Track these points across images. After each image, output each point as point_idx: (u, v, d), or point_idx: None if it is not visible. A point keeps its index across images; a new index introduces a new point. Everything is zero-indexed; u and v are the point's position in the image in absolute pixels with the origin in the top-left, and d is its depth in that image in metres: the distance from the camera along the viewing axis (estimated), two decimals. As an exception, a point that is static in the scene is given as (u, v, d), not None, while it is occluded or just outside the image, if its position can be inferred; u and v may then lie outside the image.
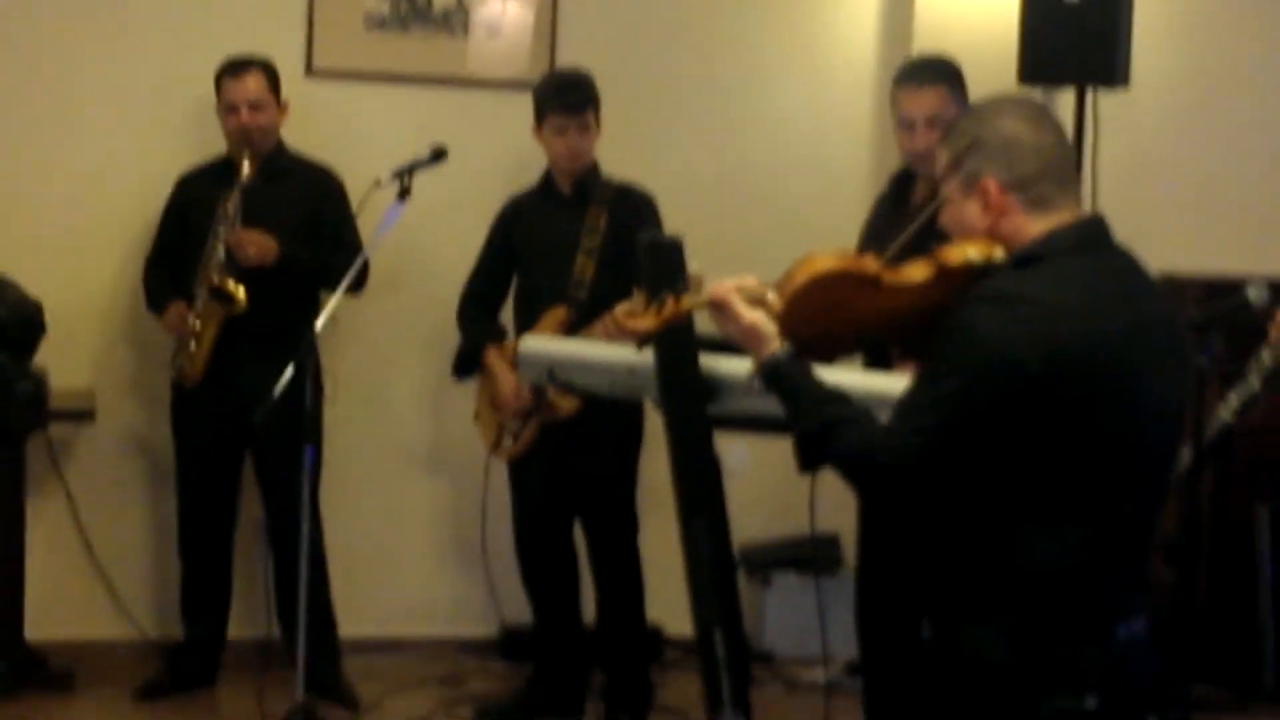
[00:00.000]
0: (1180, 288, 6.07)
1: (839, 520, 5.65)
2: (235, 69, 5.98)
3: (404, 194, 5.46)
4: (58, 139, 6.33)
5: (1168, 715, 4.02)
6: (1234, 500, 6.51)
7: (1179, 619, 5.39)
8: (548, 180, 5.92)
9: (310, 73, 6.46)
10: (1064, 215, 3.08)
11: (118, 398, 6.36)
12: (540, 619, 6.05)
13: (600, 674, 6.01)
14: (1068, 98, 6.02)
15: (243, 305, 5.80)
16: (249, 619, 6.30)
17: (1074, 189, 3.14)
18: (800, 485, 3.47)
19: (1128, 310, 3.03)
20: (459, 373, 5.99)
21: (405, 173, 5.48)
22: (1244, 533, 6.48)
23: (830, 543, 6.50)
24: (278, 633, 6.00)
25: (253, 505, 6.22)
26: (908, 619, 3.43)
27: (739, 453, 5.94)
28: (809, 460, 3.16)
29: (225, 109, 5.99)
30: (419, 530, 6.72)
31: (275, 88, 6.04)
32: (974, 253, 3.09)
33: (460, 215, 6.31)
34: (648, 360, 4.04)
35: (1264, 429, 6.46)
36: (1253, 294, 4.15)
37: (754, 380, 3.23)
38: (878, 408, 3.13)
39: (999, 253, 3.08)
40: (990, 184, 3.07)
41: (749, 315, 3.18)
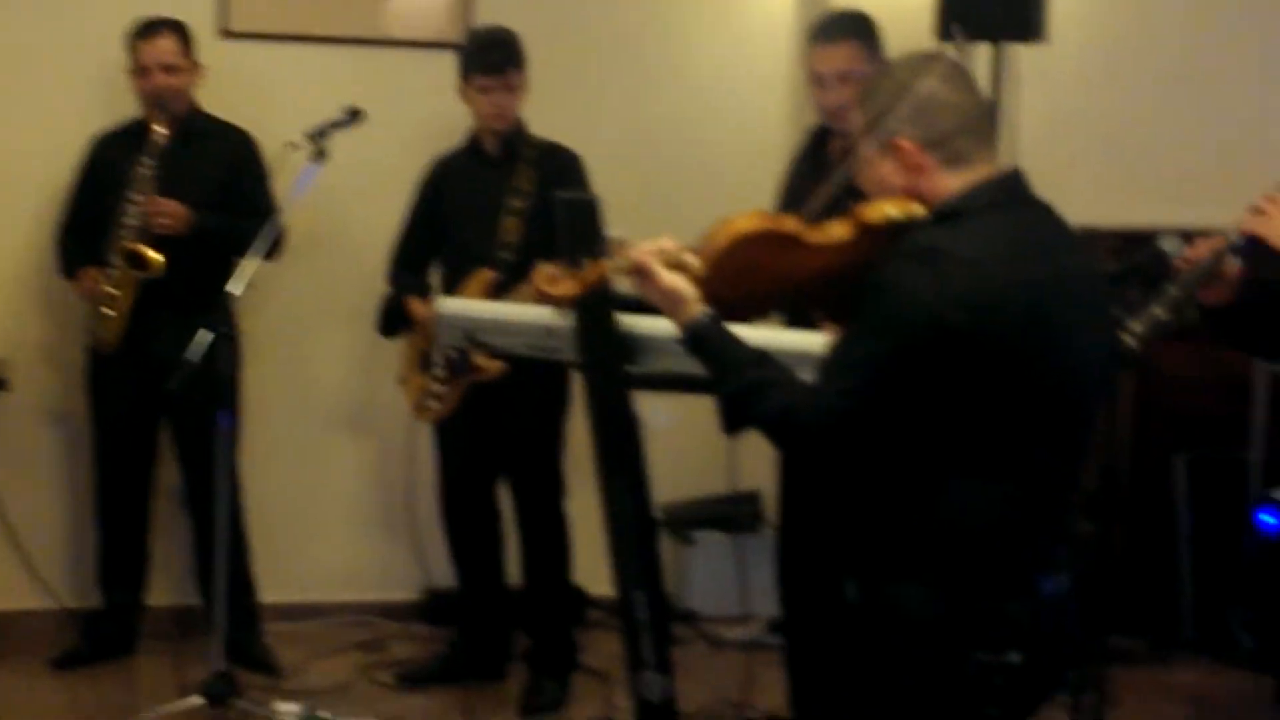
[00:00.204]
0: (1097, 240, 6.10)
1: (760, 478, 5.65)
2: (148, 30, 5.92)
3: (319, 156, 5.44)
4: (-36, 104, 6.25)
5: (1087, 667, 4.05)
6: (1152, 452, 6.57)
7: (1097, 571, 5.43)
8: (474, 140, 5.88)
9: (224, 33, 6.39)
10: (982, 170, 3.08)
11: (32, 365, 6.28)
12: (464, 582, 6.05)
13: (524, 636, 6.01)
14: (985, 52, 6.03)
15: (158, 270, 5.74)
16: (167, 587, 6.27)
17: (991, 144, 3.14)
18: (722, 444, 3.47)
19: (1049, 263, 3.03)
20: (384, 329, 5.95)
21: (320, 134, 5.46)
22: (1162, 485, 6.54)
23: (751, 500, 6.51)
24: (196, 600, 5.96)
25: (171, 472, 6.17)
26: (829, 576, 3.44)
27: (661, 411, 5.94)
28: (734, 423, 3.15)
29: (138, 71, 5.93)
30: (342, 495, 6.69)
31: (188, 49, 5.97)
32: (894, 210, 3.08)
33: (379, 176, 6.28)
34: (566, 322, 4.02)
35: (1182, 380, 6.52)
36: (1167, 245, 4.15)
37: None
38: (800, 366, 3.12)
39: (919, 210, 3.07)
40: (906, 143, 3.07)
41: (669, 279, 3.16)
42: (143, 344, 5.86)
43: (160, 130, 5.82)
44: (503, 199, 5.74)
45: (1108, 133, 6.85)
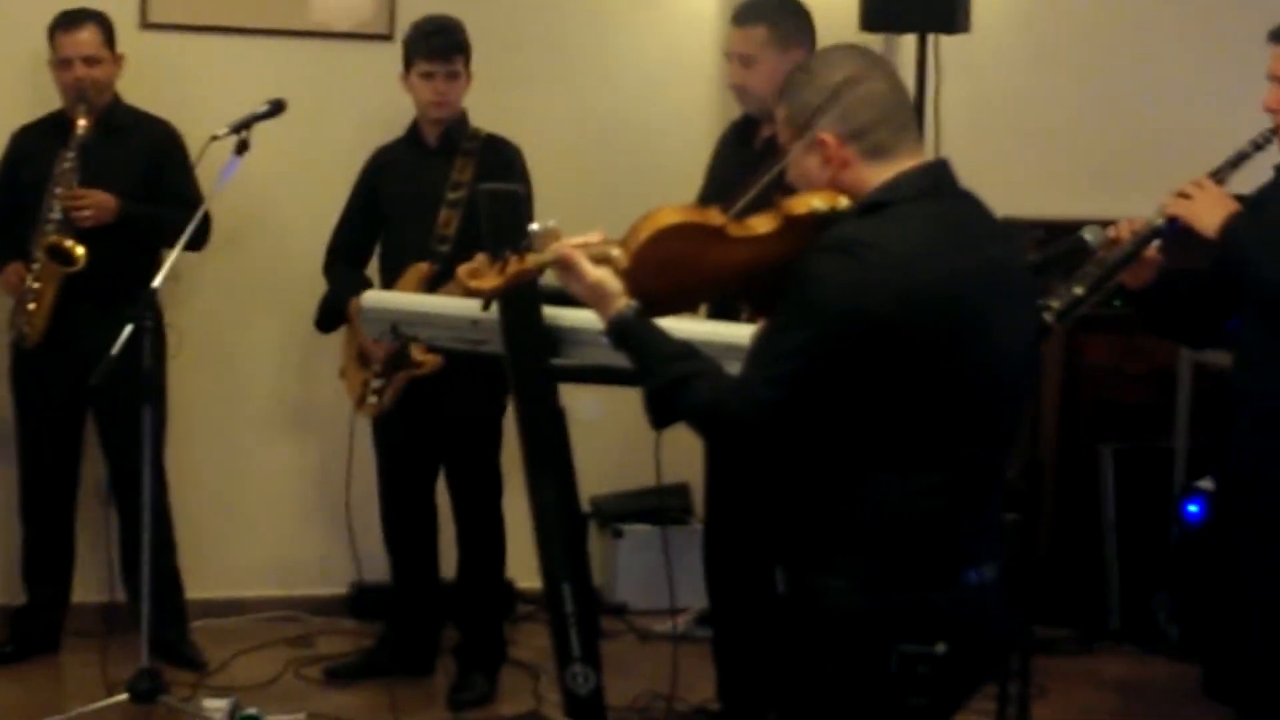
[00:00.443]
0: (1020, 231, 6.12)
1: (688, 471, 5.65)
2: (68, 22, 5.86)
3: (242, 148, 5.42)
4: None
5: (1013, 658, 4.06)
6: (1078, 442, 6.60)
7: (1023, 562, 5.45)
8: (414, 130, 5.85)
9: (146, 25, 6.33)
10: (906, 161, 3.08)
11: (-46, 360, 6.23)
12: (398, 576, 6.02)
13: (453, 631, 5.99)
14: (909, 42, 6.05)
15: (81, 264, 5.69)
16: (93, 583, 6.20)
17: (912, 134, 3.14)
18: (649, 436, 3.45)
19: (975, 253, 3.04)
20: (322, 326, 5.91)
21: (243, 126, 5.44)
22: (1088, 475, 6.57)
23: (679, 493, 6.52)
24: (122, 596, 5.93)
25: (96, 467, 6.11)
26: (757, 568, 3.44)
27: (589, 403, 5.92)
28: (661, 417, 3.14)
29: (59, 63, 5.87)
30: (270, 489, 6.64)
31: (110, 41, 5.92)
32: (819, 202, 3.08)
33: (306, 168, 6.26)
34: (491, 314, 4.01)
35: (1107, 370, 6.56)
36: (1089, 236, 4.18)
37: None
38: (726, 358, 3.12)
39: (844, 202, 3.08)
40: (827, 136, 3.07)
41: (593, 273, 3.14)
42: (67, 338, 5.81)
43: (82, 123, 5.77)
44: (441, 191, 5.70)
45: (1032, 123, 6.88)
